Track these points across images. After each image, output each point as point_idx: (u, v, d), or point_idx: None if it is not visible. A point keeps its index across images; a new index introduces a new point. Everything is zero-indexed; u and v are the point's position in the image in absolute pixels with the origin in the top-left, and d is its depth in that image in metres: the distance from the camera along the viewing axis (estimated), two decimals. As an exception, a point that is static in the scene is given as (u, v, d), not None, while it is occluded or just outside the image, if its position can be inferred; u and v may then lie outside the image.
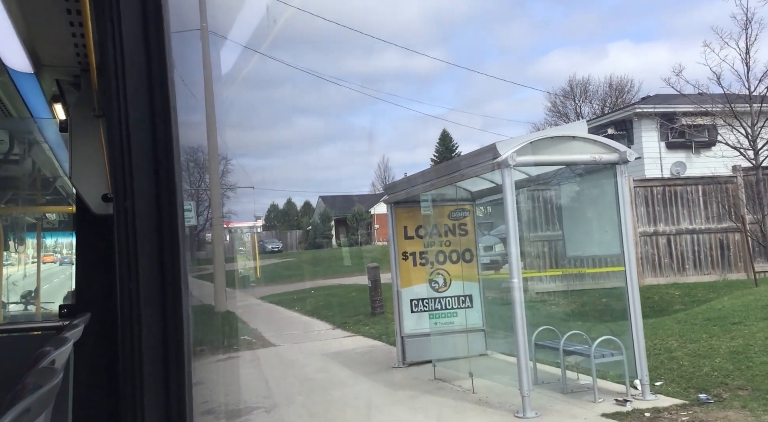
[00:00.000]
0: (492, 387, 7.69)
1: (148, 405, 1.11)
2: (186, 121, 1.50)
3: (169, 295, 1.14)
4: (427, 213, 9.60)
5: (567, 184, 8.62)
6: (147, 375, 1.12)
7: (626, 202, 7.28)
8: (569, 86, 42.31)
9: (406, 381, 8.66)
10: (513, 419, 6.59)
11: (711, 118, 17.25)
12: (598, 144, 7.32)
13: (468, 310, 9.42)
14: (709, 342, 8.42)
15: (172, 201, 1.14)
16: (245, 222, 54.33)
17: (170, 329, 1.13)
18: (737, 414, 6.04)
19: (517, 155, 6.87)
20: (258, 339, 13.08)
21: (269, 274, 30.08)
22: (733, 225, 14.49)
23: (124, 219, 1.14)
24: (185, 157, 1.35)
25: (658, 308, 11.66)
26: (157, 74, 1.16)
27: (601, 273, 13.65)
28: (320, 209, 58.94)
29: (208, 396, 7.58)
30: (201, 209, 35.26)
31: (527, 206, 14.55)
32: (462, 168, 8.03)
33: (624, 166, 7.23)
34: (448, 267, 9.50)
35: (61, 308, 2.60)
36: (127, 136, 1.15)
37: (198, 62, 15.90)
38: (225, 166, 39.72)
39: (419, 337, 9.33)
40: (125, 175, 1.15)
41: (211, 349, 11.53)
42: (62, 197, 4.00)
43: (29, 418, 1.02)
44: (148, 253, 1.13)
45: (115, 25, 1.16)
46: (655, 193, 15.13)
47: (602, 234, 7.66)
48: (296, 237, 56.56)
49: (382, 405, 7.54)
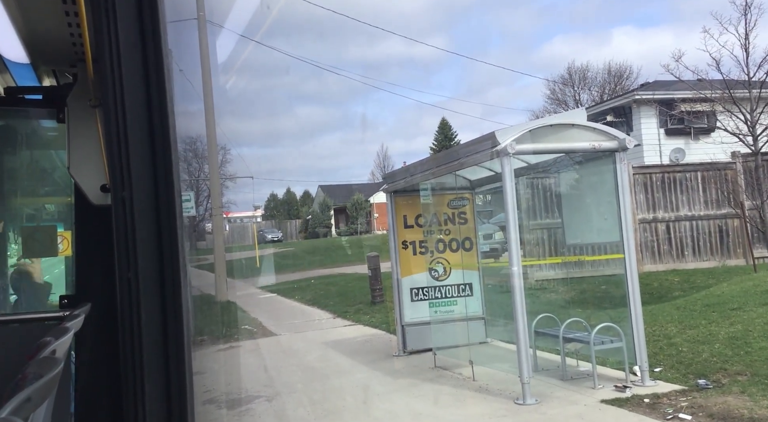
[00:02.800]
0: (492, 374, 7.72)
1: (150, 394, 1.12)
2: (184, 110, 1.49)
3: (169, 285, 1.14)
4: (427, 202, 9.60)
5: (566, 172, 8.62)
6: (147, 365, 1.12)
7: (625, 189, 7.27)
8: (568, 73, 42.19)
9: (406, 369, 8.70)
10: (513, 406, 6.62)
11: (710, 105, 17.22)
12: (597, 131, 7.30)
13: (468, 298, 9.44)
14: (708, 328, 8.45)
15: (170, 191, 1.14)
16: (245, 212, 54.39)
17: (170, 318, 1.14)
18: (736, 399, 6.07)
19: (516, 143, 6.86)
20: (258, 328, 13.12)
21: (269, 264, 30.12)
22: (732, 212, 14.50)
23: (122, 209, 1.14)
24: (183, 146, 1.35)
25: (657, 295, 11.69)
26: (153, 63, 1.16)
27: (600, 261, 13.68)
28: (320, 198, 58.94)
29: (209, 385, 7.62)
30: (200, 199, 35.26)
31: (526, 194, 14.55)
32: (461, 156, 8.02)
33: (623, 153, 7.22)
34: (448, 256, 9.51)
35: (62, 298, 2.60)
36: (123, 125, 1.15)
37: (195, 51, 15.82)
38: (224, 155, 39.71)
39: (419, 326, 9.36)
40: (122, 165, 1.15)
41: (211, 339, 11.57)
42: (60, 188, 4.01)
43: (30, 407, 1.02)
44: (146, 243, 1.13)
45: (111, 15, 1.15)
46: (654, 179, 15.13)
47: (601, 222, 7.67)
48: (296, 226, 56.60)
49: (383, 392, 7.57)
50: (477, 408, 6.74)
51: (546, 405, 6.56)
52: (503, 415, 6.40)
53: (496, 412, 6.50)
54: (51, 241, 3.06)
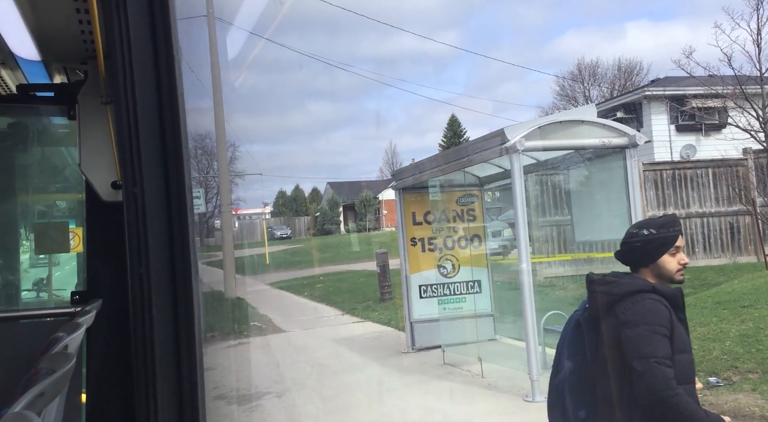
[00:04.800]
0: (501, 371, 7.71)
1: (161, 389, 1.13)
2: (194, 107, 1.50)
3: (180, 281, 1.15)
4: (436, 198, 9.60)
5: (576, 169, 8.58)
6: (159, 360, 1.13)
7: (635, 185, 7.23)
8: (578, 69, 41.96)
9: (415, 366, 8.70)
10: (522, 403, 6.61)
11: (721, 101, 17.08)
12: (607, 128, 7.26)
13: (477, 296, 9.43)
14: (719, 326, 8.39)
15: (181, 186, 1.15)
16: (254, 208, 54.53)
17: (181, 314, 1.14)
18: (747, 397, 6.04)
19: (525, 140, 6.83)
20: (268, 324, 13.16)
21: (278, 260, 30.19)
22: (744, 208, 14.38)
23: (134, 205, 1.15)
24: (193, 143, 1.35)
25: (667, 292, 11.62)
26: (164, 60, 1.16)
27: (610, 258, 13.57)
28: (328, 195, 59.00)
29: (219, 381, 7.65)
30: (209, 196, 35.37)
31: (536, 191, 14.50)
32: (470, 153, 8.00)
33: (633, 150, 7.18)
34: (457, 253, 9.50)
35: (73, 294, 2.62)
36: (135, 122, 1.15)
37: (205, 48, 15.87)
38: (233, 152, 39.79)
39: (428, 323, 9.36)
40: (133, 161, 1.15)
41: (221, 335, 11.63)
42: (71, 185, 4.03)
43: (43, 402, 1.03)
44: (157, 239, 1.14)
45: (121, 12, 1.16)
46: (665, 176, 15.04)
47: (611, 219, 7.63)
48: (305, 223, 56.70)
49: (392, 389, 7.58)
50: (486, 405, 6.73)
51: (555, 402, 6.54)
52: (512, 412, 6.39)
53: (506, 409, 6.49)
54: (63, 238, 3.08)
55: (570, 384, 2.73)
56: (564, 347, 2.85)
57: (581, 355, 2.75)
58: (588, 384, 2.70)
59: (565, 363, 2.79)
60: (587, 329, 2.75)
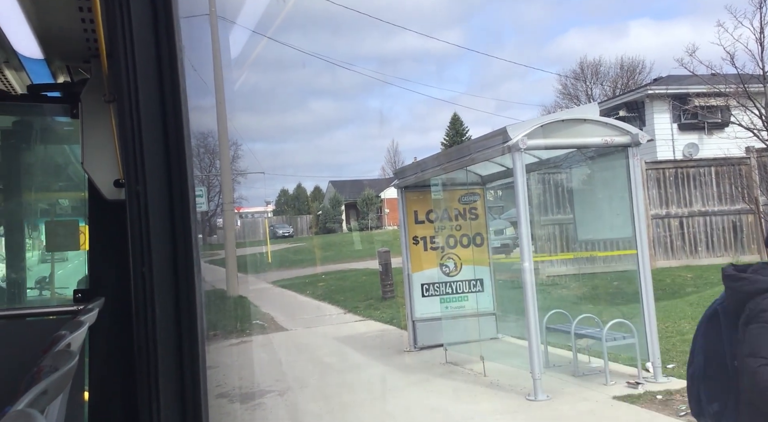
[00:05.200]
0: (503, 370, 7.71)
1: (163, 387, 1.13)
2: (196, 105, 1.50)
3: (182, 279, 1.15)
4: (438, 197, 9.59)
5: (578, 167, 8.58)
6: (161, 358, 1.13)
7: (638, 184, 7.22)
8: (580, 68, 41.89)
9: (417, 364, 8.71)
10: (524, 402, 6.61)
11: (724, 99, 17.04)
12: (609, 126, 7.26)
13: (479, 294, 9.43)
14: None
15: (183, 185, 1.15)
16: (256, 207, 54.57)
17: (183, 312, 1.14)
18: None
19: (527, 139, 6.83)
20: (270, 323, 13.18)
21: (280, 259, 30.21)
22: (747, 207, 14.37)
23: (136, 204, 1.15)
24: (195, 142, 1.35)
25: (670, 291, 11.62)
26: (167, 59, 1.16)
27: (612, 257, 13.60)
28: (330, 194, 59.00)
29: (221, 379, 7.66)
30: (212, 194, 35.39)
31: (538, 190, 14.49)
32: (472, 152, 7.99)
33: (636, 149, 7.17)
34: (459, 252, 9.50)
35: (76, 293, 2.62)
36: (137, 121, 1.16)
37: (208, 47, 15.87)
38: (235, 151, 39.78)
39: (430, 321, 9.36)
40: (136, 159, 1.16)
41: (224, 333, 11.63)
42: (74, 183, 4.04)
43: (46, 400, 1.03)
44: (160, 237, 1.14)
45: (124, 10, 1.16)
46: (668, 175, 15.02)
47: (614, 217, 7.63)
48: (307, 222, 56.70)
49: (395, 388, 7.59)
50: (488, 403, 6.73)
51: (557, 401, 6.54)
52: (514, 411, 6.39)
53: (508, 408, 6.49)
54: (73, 236, 3.09)
55: (703, 376, 2.66)
56: (699, 336, 2.76)
57: (715, 346, 2.65)
58: (722, 378, 2.60)
59: (697, 355, 2.73)
60: (725, 321, 2.66)
